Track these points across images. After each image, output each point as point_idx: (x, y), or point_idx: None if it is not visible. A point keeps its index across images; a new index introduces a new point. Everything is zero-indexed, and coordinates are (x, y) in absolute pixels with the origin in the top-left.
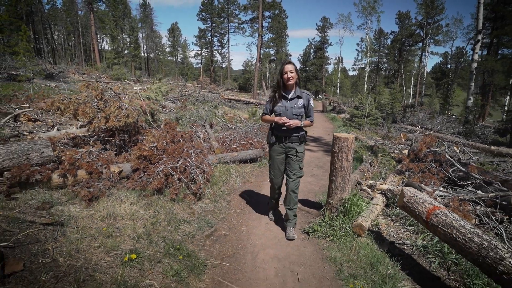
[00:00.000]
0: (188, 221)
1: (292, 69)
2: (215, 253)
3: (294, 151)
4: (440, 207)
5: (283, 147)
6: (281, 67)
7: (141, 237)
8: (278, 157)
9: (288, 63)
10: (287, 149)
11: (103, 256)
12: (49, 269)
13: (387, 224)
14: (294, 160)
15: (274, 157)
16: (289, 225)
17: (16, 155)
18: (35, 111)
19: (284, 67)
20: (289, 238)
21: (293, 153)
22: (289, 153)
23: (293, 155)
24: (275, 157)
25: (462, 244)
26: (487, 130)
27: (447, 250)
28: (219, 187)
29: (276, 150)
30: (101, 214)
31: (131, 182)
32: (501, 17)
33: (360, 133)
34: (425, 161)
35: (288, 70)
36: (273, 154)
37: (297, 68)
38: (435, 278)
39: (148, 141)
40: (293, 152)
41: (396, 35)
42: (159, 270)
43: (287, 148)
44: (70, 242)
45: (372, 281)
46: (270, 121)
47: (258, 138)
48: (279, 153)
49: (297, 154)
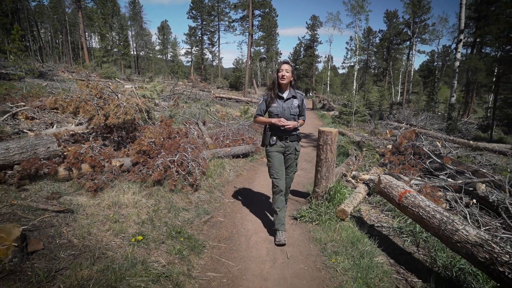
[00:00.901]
0: (187, 209)
1: (288, 69)
2: (212, 236)
3: (293, 150)
4: (410, 191)
5: (283, 146)
6: (278, 66)
7: (145, 222)
8: (278, 156)
9: (285, 63)
10: (286, 148)
11: (112, 238)
12: (66, 248)
13: (368, 210)
14: (292, 158)
15: (275, 156)
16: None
17: (25, 149)
18: (32, 110)
19: (281, 66)
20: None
21: (292, 152)
22: (288, 151)
23: (292, 153)
24: (275, 156)
25: (427, 220)
26: (471, 126)
27: (418, 230)
28: (214, 179)
29: (276, 150)
30: (107, 203)
31: (132, 174)
32: (484, 16)
33: (348, 129)
34: (405, 154)
35: (284, 69)
36: (273, 154)
37: (293, 70)
38: (407, 253)
39: (146, 137)
40: (292, 151)
41: (384, 33)
42: (163, 250)
43: (286, 147)
44: (81, 226)
45: (352, 256)
46: (266, 122)
47: (249, 134)
48: (278, 152)
49: (296, 153)
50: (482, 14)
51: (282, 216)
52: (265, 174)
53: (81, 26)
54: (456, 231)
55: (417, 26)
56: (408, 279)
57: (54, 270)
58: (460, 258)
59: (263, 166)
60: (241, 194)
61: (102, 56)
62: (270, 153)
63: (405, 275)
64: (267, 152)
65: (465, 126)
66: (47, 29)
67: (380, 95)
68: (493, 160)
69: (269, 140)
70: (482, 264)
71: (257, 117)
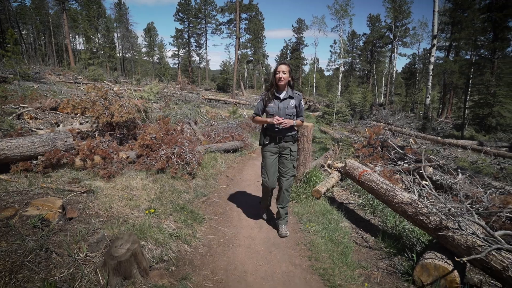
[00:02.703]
0: (187, 192)
1: (285, 70)
2: (209, 212)
3: (288, 151)
4: (367, 170)
5: (277, 147)
6: (275, 67)
7: (154, 200)
8: (272, 157)
9: (282, 64)
10: (281, 148)
11: (129, 211)
12: (95, 217)
13: (339, 192)
14: (288, 159)
15: (268, 157)
16: (281, 223)
17: (46, 143)
18: (34, 111)
19: (278, 66)
20: (281, 235)
21: (287, 153)
22: (283, 152)
23: (287, 154)
24: (269, 157)
25: (377, 190)
26: (447, 125)
27: (376, 203)
28: (208, 169)
29: (270, 151)
30: (120, 186)
31: (138, 164)
32: (458, 22)
33: (330, 128)
34: (374, 146)
35: (281, 70)
36: (267, 155)
37: (291, 70)
38: (366, 220)
39: (148, 133)
40: (287, 152)
41: (368, 37)
42: (172, 219)
43: (281, 148)
44: (103, 203)
45: (322, 223)
46: (262, 122)
47: (238, 132)
48: (273, 153)
49: (291, 154)
50: (456, 19)
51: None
52: (252, 166)
53: (66, 28)
54: (395, 196)
55: (398, 30)
56: (364, 236)
57: (91, 230)
58: (403, 220)
59: (251, 160)
60: (232, 182)
61: (88, 58)
62: (265, 153)
63: (362, 234)
64: (262, 151)
65: (441, 125)
66: (29, 31)
67: (363, 96)
68: (457, 154)
69: (264, 139)
70: (411, 217)
71: (254, 117)
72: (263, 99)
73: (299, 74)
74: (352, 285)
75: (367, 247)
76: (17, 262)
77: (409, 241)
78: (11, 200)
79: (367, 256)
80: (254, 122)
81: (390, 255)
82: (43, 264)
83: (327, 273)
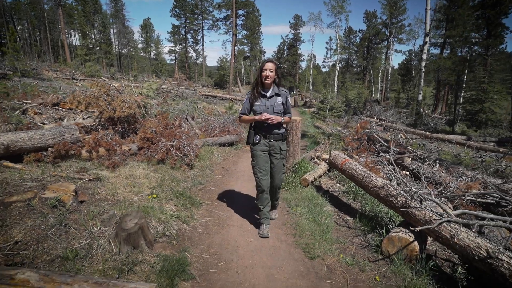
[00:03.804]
0: (185, 181)
1: (272, 68)
2: (206, 198)
3: (278, 149)
4: (348, 160)
5: (267, 145)
6: (262, 64)
7: (155, 187)
8: (262, 155)
9: (268, 61)
10: (271, 147)
11: (134, 196)
12: (103, 200)
13: (326, 181)
14: (278, 158)
15: (259, 156)
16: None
17: (55, 136)
18: (37, 106)
19: (265, 64)
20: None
21: (277, 151)
22: (273, 151)
23: (277, 153)
24: (259, 156)
25: (356, 177)
26: (440, 121)
27: (357, 190)
28: (205, 161)
29: (260, 149)
30: (124, 175)
31: (139, 156)
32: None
33: (323, 123)
34: (361, 139)
35: (268, 68)
36: (257, 153)
37: (277, 68)
38: (347, 205)
39: (148, 127)
40: (277, 150)
41: (364, 33)
42: (172, 203)
43: (271, 147)
44: (110, 189)
45: (308, 207)
46: (250, 120)
47: (234, 127)
48: (263, 151)
49: (281, 152)
50: (451, 17)
51: (266, 211)
52: (246, 159)
53: (62, 24)
54: (371, 181)
55: (394, 27)
56: (344, 218)
57: (102, 210)
58: (379, 204)
59: (245, 153)
60: (227, 172)
61: (85, 54)
62: (255, 152)
63: (342, 216)
64: (251, 151)
65: (434, 121)
66: (24, 26)
67: (358, 92)
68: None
69: (253, 139)
70: (383, 198)
71: (241, 116)
72: (249, 98)
73: (296, 70)
74: (329, 256)
75: (346, 226)
76: (42, 234)
77: (382, 221)
78: (28, 186)
79: (345, 233)
80: (242, 122)
81: (365, 233)
82: (63, 236)
83: (308, 247)
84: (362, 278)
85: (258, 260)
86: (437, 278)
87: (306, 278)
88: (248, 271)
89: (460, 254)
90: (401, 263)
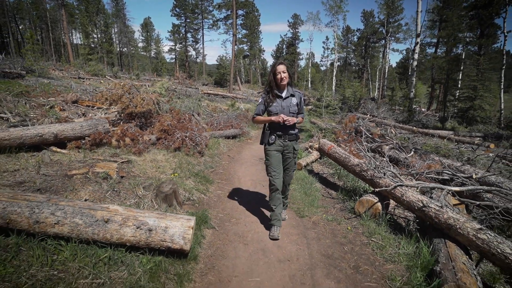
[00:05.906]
0: (198, 165)
1: (284, 70)
2: (217, 178)
3: (292, 149)
4: (333, 146)
5: (281, 145)
6: (273, 68)
7: (175, 169)
8: (276, 155)
9: (280, 64)
10: (285, 147)
11: (159, 175)
12: (138, 176)
13: (317, 166)
14: (291, 157)
15: (273, 155)
16: None
17: (91, 127)
18: (61, 103)
19: (277, 67)
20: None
21: (290, 151)
22: (287, 151)
23: (291, 152)
24: (274, 155)
25: (339, 159)
26: (433, 118)
27: (342, 172)
28: (213, 150)
29: (274, 149)
30: (149, 159)
31: (159, 145)
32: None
33: (319, 120)
34: (350, 132)
35: (281, 71)
36: (272, 153)
37: (288, 68)
38: (333, 183)
39: (164, 120)
40: (291, 150)
41: (362, 32)
42: (191, 180)
43: (285, 147)
44: (140, 169)
45: (300, 184)
46: (265, 121)
47: (237, 122)
48: (277, 151)
49: (294, 152)
50: (444, 17)
51: (278, 212)
52: (249, 150)
53: (65, 24)
54: (350, 161)
55: (391, 26)
56: (329, 192)
57: (140, 182)
58: (358, 180)
59: (247, 145)
60: (233, 160)
61: (88, 53)
62: (269, 152)
63: (328, 191)
64: (265, 151)
65: (427, 118)
66: (26, 25)
67: (354, 90)
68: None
69: (268, 139)
70: (358, 173)
71: (255, 117)
72: (266, 100)
73: (294, 69)
74: (315, 215)
75: (330, 197)
76: (101, 196)
77: (359, 192)
78: (77, 165)
79: (329, 202)
80: (255, 123)
81: (344, 201)
82: (116, 198)
83: (299, 210)
84: (338, 228)
85: (260, 218)
86: (393, 227)
87: (296, 228)
88: (253, 224)
89: (407, 207)
90: (368, 218)
